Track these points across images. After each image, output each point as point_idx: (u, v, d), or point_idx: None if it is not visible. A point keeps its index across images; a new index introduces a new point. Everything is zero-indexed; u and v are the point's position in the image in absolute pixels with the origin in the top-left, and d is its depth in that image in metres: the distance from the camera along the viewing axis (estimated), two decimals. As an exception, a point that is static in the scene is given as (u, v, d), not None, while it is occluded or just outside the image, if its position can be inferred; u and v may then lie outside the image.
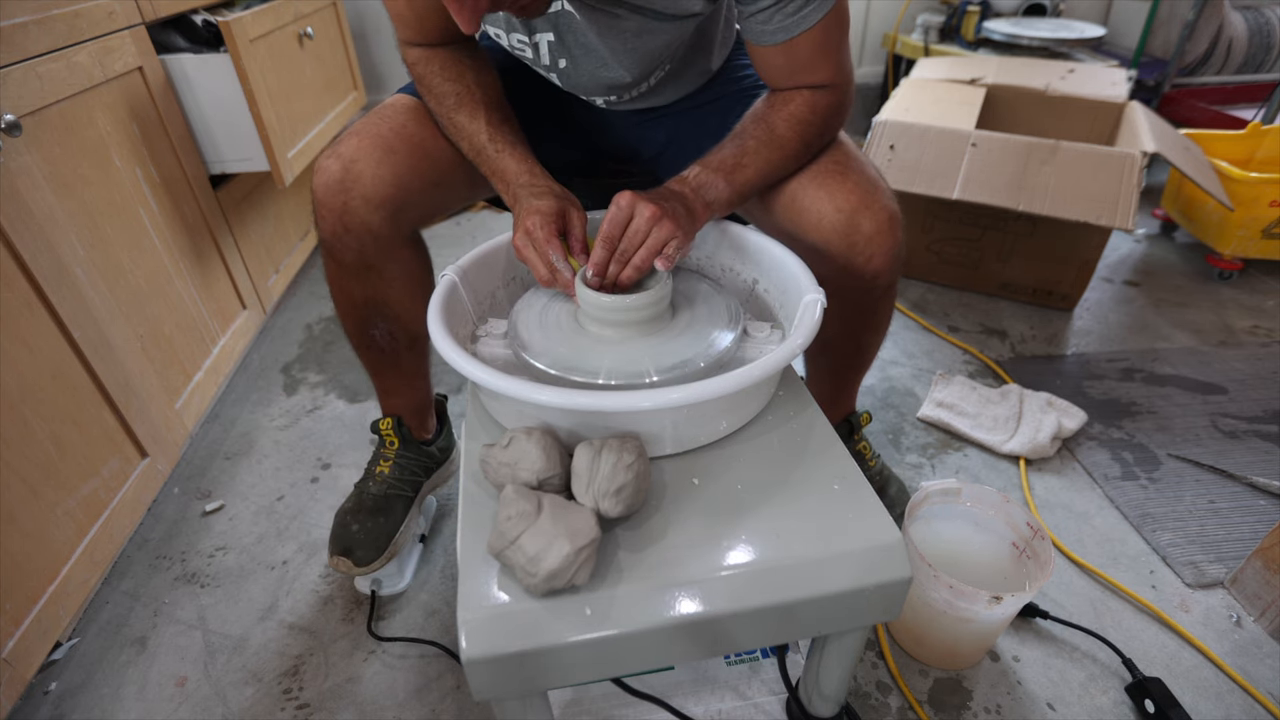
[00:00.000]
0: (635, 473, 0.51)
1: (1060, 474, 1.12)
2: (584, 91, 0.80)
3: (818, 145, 0.73)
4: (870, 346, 0.87)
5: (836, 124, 0.73)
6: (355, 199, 0.71)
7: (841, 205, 0.70)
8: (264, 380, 1.36)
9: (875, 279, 0.73)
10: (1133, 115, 1.56)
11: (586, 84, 0.78)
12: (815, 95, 0.70)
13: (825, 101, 0.70)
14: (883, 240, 0.70)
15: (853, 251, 0.71)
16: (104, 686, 0.85)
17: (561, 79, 0.78)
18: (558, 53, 0.73)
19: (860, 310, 0.79)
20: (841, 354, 0.87)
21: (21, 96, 0.82)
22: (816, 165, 0.72)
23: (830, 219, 0.70)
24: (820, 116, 0.70)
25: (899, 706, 0.81)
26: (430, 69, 0.74)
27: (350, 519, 0.89)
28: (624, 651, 0.49)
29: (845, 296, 0.74)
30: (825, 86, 0.70)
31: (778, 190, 0.73)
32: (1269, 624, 0.88)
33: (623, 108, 0.84)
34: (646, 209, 0.61)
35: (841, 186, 0.70)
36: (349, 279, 0.78)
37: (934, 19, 2.27)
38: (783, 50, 0.67)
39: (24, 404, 0.79)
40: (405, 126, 0.75)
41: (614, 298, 0.61)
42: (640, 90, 0.80)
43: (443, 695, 0.83)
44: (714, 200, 0.66)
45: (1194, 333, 1.46)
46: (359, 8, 2.14)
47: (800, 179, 0.72)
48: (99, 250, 0.94)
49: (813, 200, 0.71)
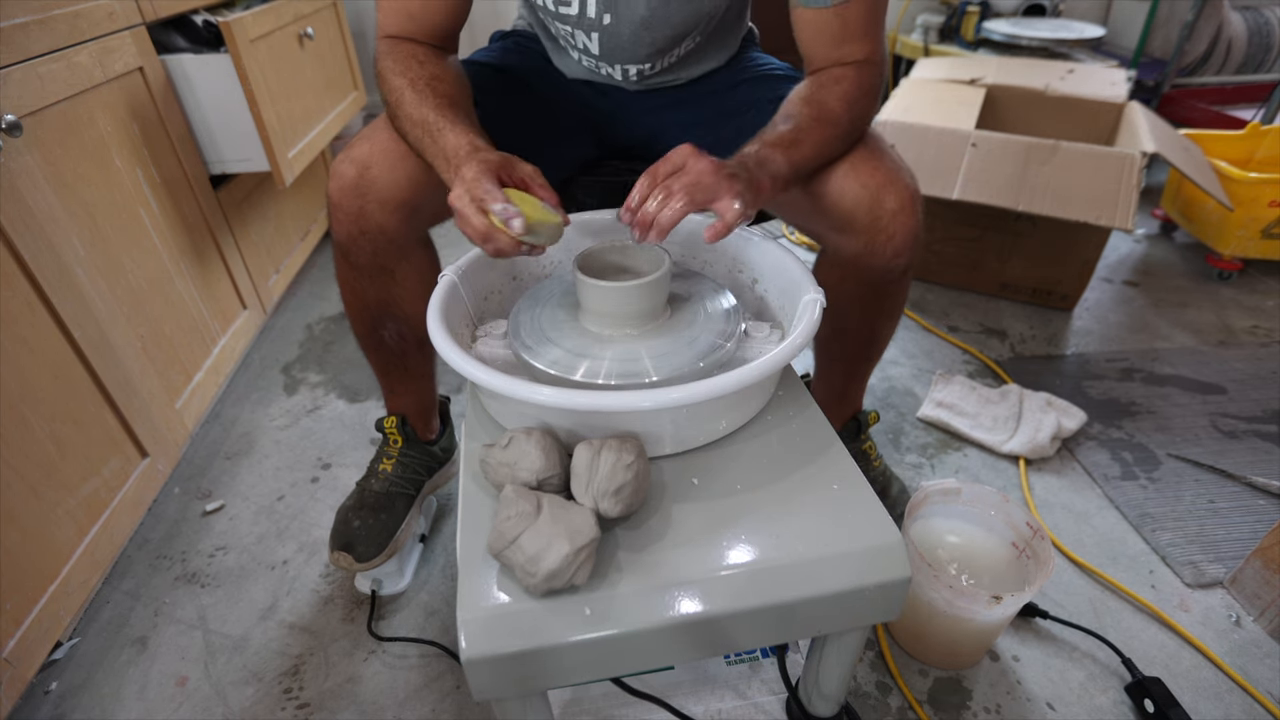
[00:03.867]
0: (635, 473, 0.51)
1: (1060, 474, 1.12)
2: (620, 57, 0.79)
3: (864, 125, 0.72)
4: (883, 335, 0.88)
5: (877, 106, 0.74)
6: (371, 202, 0.71)
7: (867, 182, 0.70)
8: (264, 380, 1.36)
9: (895, 258, 0.73)
10: (1132, 115, 1.56)
11: (626, 43, 0.76)
12: (860, 73, 0.70)
13: (869, 80, 0.70)
14: (905, 219, 0.71)
15: (876, 227, 0.71)
16: (104, 686, 0.85)
17: (602, 39, 0.76)
18: (604, 5, 0.72)
19: (878, 294, 0.79)
20: (856, 342, 0.87)
21: (22, 96, 0.82)
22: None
23: (855, 193, 0.70)
24: (868, 95, 0.70)
25: (899, 706, 0.81)
26: (385, 63, 0.70)
27: (352, 515, 0.89)
28: (623, 651, 0.49)
29: (865, 278, 0.74)
30: (867, 63, 0.70)
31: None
32: (1268, 624, 0.88)
33: (648, 83, 0.84)
34: (703, 161, 0.57)
35: (867, 164, 0.70)
36: (363, 280, 0.78)
37: (934, 19, 2.27)
38: (836, 13, 0.67)
39: (24, 404, 0.79)
40: None
41: (609, 283, 0.60)
42: (671, 60, 0.80)
43: (443, 695, 0.83)
44: (776, 174, 0.63)
45: (1193, 333, 1.46)
46: (359, 8, 2.14)
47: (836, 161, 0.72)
48: (99, 250, 0.94)
49: (841, 177, 0.71)
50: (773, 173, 0.62)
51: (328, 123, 1.52)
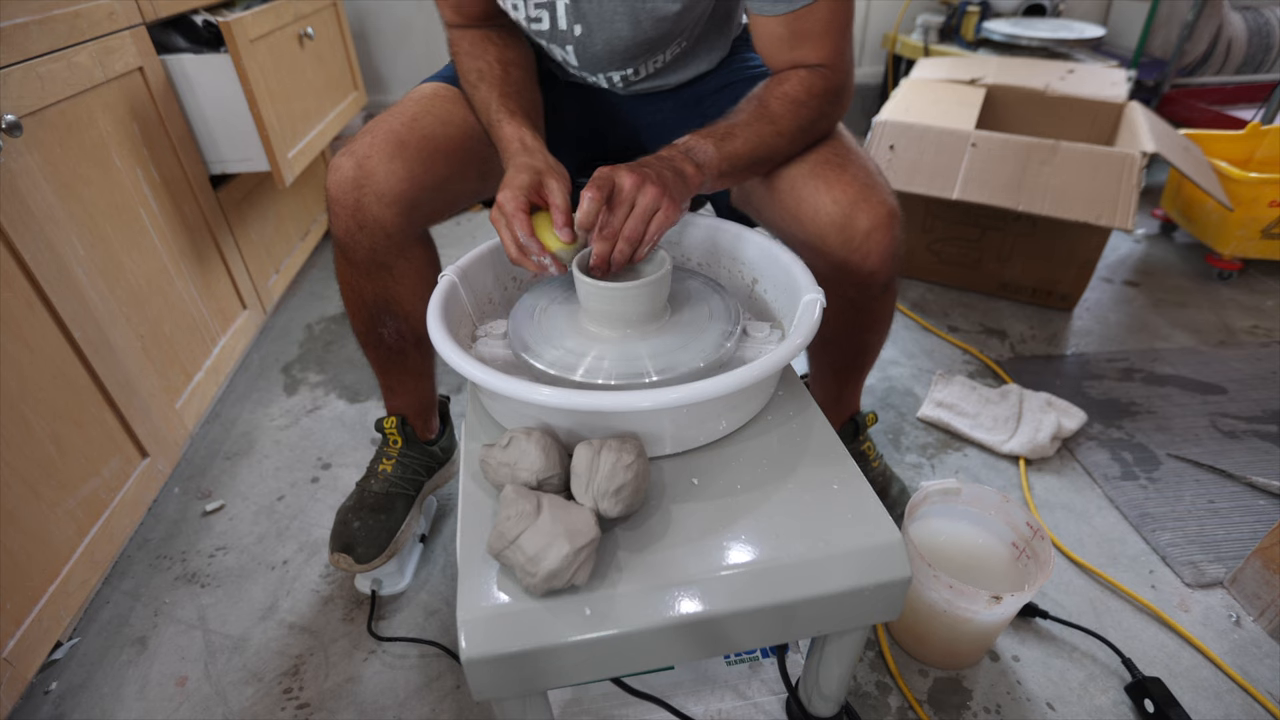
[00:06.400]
0: (635, 473, 0.51)
1: (1060, 474, 1.12)
2: (599, 66, 0.78)
3: (815, 130, 0.72)
4: (871, 346, 0.87)
5: (834, 112, 0.73)
6: (369, 196, 0.71)
7: (839, 198, 0.69)
8: (264, 380, 1.36)
9: (872, 277, 0.73)
10: (1132, 115, 1.56)
11: (602, 52, 0.76)
12: (811, 76, 0.69)
13: (822, 84, 0.70)
14: (880, 237, 0.70)
15: (849, 248, 0.71)
16: (104, 686, 0.85)
17: (577, 51, 0.76)
18: (574, 16, 0.72)
19: (859, 309, 0.78)
20: (842, 352, 0.87)
21: (22, 96, 0.82)
22: (815, 155, 0.72)
23: (827, 211, 0.70)
24: (815, 99, 0.70)
25: (899, 706, 0.81)
26: (460, 47, 0.79)
27: (352, 516, 0.89)
28: (624, 651, 0.49)
29: (843, 294, 0.73)
30: (822, 68, 0.70)
31: (777, 180, 0.73)
32: (1268, 624, 0.88)
33: (635, 88, 0.84)
34: (628, 178, 0.58)
35: (839, 179, 0.70)
36: (361, 277, 0.78)
37: (934, 19, 2.27)
38: (783, 22, 0.67)
39: (24, 404, 0.79)
40: (417, 120, 0.75)
41: (609, 284, 0.60)
42: (657, 65, 0.80)
43: (443, 695, 0.83)
44: (704, 162, 0.64)
45: (1193, 333, 1.46)
46: (359, 8, 2.14)
47: (799, 169, 0.72)
48: (99, 250, 0.94)
49: (811, 191, 0.70)
50: (699, 161, 0.64)
51: (328, 123, 1.52)
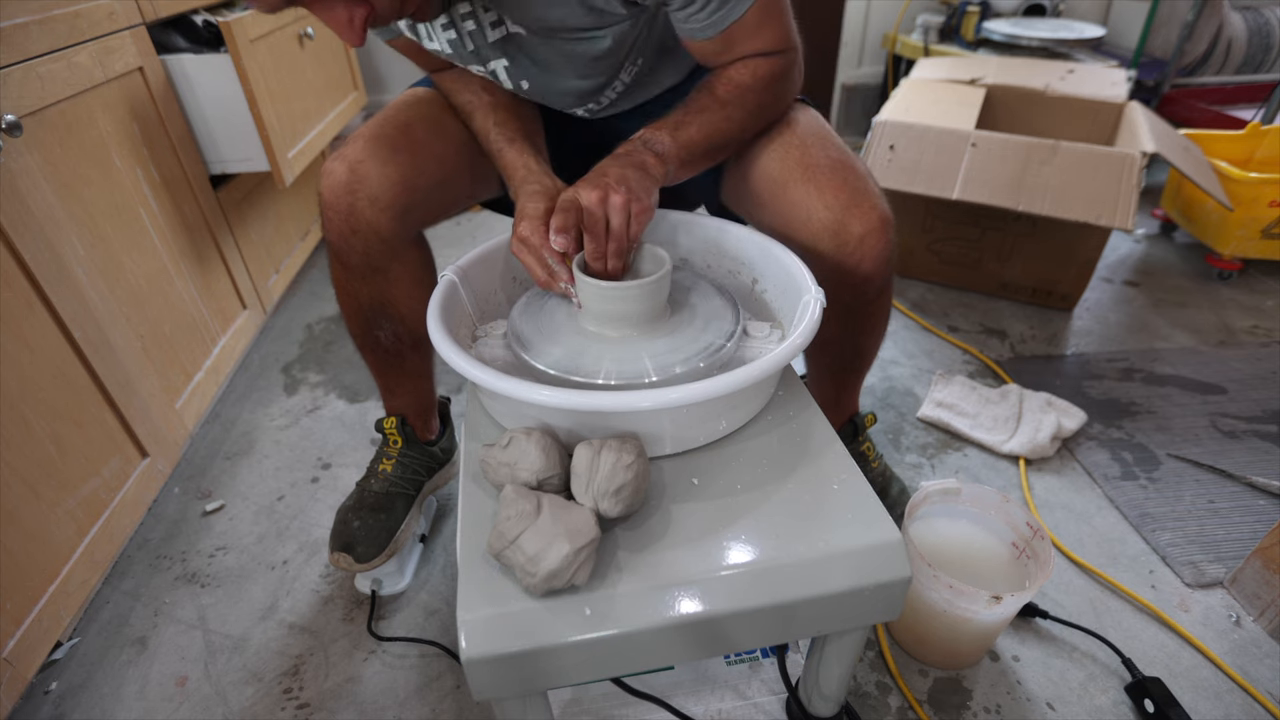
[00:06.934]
0: (635, 473, 0.51)
1: (1060, 474, 1.12)
2: (563, 104, 0.80)
3: (770, 111, 0.74)
4: (868, 349, 0.87)
5: (786, 90, 0.74)
6: (362, 200, 0.71)
7: (830, 203, 0.70)
8: (264, 380, 1.36)
9: (866, 282, 0.73)
10: (1132, 115, 1.56)
11: (556, 99, 0.78)
12: (755, 61, 0.70)
13: (767, 68, 0.70)
14: (873, 242, 0.70)
15: (842, 254, 0.71)
16: (104, 686, 0.85)
17: (530, 94, 0.78)
18: (515, 75, 0.74)
19: (853, 313, 0.78)
20: (839, 355, 0.87)
21: (22, 96, 0.82)
22: (807, 158, 0.72)
23: (819, 216, 0.70)
24: (762, 81, 0.70)
25: (899, 706, 0.81)
26: (444, 85, 0.81)
27: (352, 515, 0.89)
28: (623, 651, 0.49)
29: (838, 298, 0.73)
30: (765, 54, 0.70)
31: (768, 184, 0.74)
32: (1268, 624, 0.88)
33: (607, 113, 0.84)
34: (589, 195, 0.60)
35: (830, 183, 0.70)
36: (355, 281, 0.78)
37: (934, 19, 2.27)
38: (719, 39, 0.68)
39: (24, 404, 0.79)
40: (410, 125, 0.75)
41: (609, 284, 0.60)
42: (616, 92, 0.80)
43: (443, 695, 0.83)
44: (663, 151, 0.66)
45: (1193, 333, 1.46)
46: (359, 8, 2.13)
47: (791, 173, 0.72)
48: (99, 250, 0.94)
49: (803, 196, 0.71)
50: (658, 151, 0.66)
51: (327, 123, 1.52)
